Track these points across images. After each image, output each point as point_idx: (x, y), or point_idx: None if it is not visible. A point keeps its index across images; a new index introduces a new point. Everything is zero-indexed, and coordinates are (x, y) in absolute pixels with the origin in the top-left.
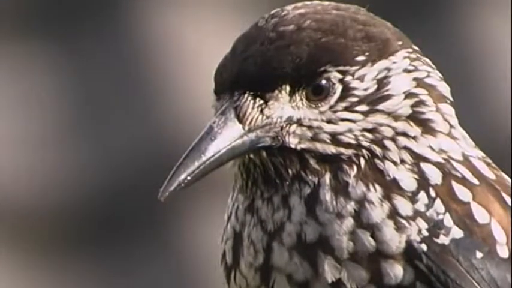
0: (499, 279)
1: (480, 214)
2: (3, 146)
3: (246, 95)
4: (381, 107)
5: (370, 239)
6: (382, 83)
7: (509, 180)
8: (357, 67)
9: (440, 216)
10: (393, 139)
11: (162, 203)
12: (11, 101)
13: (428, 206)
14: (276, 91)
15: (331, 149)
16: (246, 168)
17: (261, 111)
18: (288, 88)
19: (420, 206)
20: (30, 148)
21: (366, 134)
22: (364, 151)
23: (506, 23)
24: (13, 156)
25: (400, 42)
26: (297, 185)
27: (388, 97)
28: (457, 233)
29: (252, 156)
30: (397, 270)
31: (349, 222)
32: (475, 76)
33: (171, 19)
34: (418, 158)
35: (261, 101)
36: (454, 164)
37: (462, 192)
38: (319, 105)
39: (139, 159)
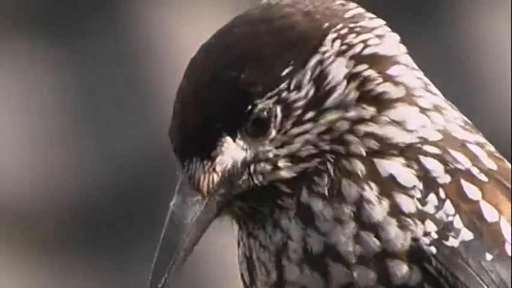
0: (509, 281)
1: (489, 212)
2: (4, 146)
3: (193, 162)
4: (327, 104)
5: (375, 239)
6: (319, 79)
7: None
8: (286, 81)
9: (450, 218)
10: (351, 130)
11: (163, 203)
12: (12, 100)
13: (438, 208)
14: (218, 147)
15: (296, 169)
16: (230, 214)
17: (214, 171)
18: (227, 138)
19: (430, 208)
20: (31, 148)
21: (323, 136)
22: (327, 155)
23: (506, 23)
24: (14, 156)
25: (326, 24)
26: (278, 212)
27: (331, 91)
28: (467, 235)
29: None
30: (403, 270)
31: (351, 225)
32: (475, 77)
33: (171, 18)
34: (382, 141)
35: (209, 162)
36: (426, 147)
37: (471, 191)
38: (266, 134)
39: (140, 159)
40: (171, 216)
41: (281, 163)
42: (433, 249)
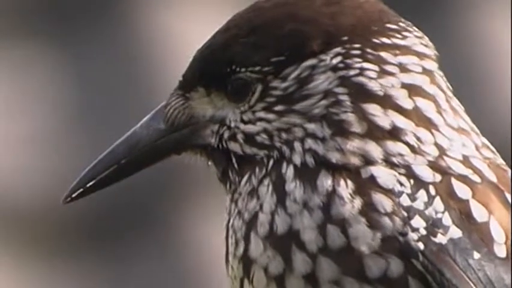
0: (496, 280)
1: (478, 212)
2: (3, 146)
3: (175, 95)
4: (297, 107)
5: (341, 234)
6: (303, 82)
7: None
8: (272, 67)
9: (439, 215)
10: (302, 140)
11: (163, 205)
12: (11, 101)
13: (427, 204)
14: (193, 92)
15: (246, 150)
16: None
17: (183, 111)
18: (201, 89)
19: (419, 204)
20: (30, 148)
21: (282, 134)
22: (275, 152)
23: (506, 23)
24: (12, 156)
25: (345, 38)
26: (259, 177)
27: (306, 97)
28: (455, 232)
29: (195, 154)
30: (381, 264)
31: (317, 215)
32: (475, 76)
33: (172, 19)
34: (321, 161)
35: (183, 101)
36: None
37: (461, 190)
38: (241, 105)
39: None
40: (131, 132)
41: (238, 136)
42: (421, 245)
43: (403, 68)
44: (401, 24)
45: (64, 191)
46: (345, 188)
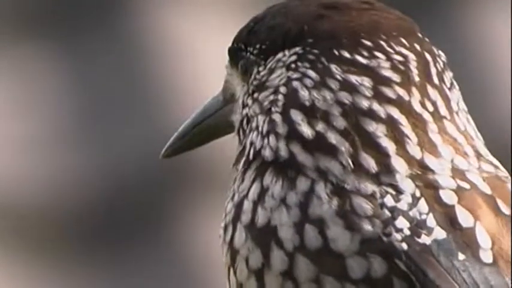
0: (481, 282)
1: (464, 217)
2: (4, 147)
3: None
4: (260, 96)
5: (319, 235)
6: (270, 73)
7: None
8: (261, 54)
9: (423, 216)
10: (250, 131)
11: (163, 205)
12: (13, 102)
13: (412, 205)
14: (227, 68)
15: (241, 133)
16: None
17: (228, 86)
18: (228, 64)
19: (403, 205)
20: (31, 149)
21: (252, 121)
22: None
23: (506, 23)
24: (13, 157)
25: (311, 41)
26: (251, 160)
27: (266, 88)
28: (440, 233)
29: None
30: (364, 265)
31: (295, 213)
32: (475, 77)
33: (174, 20)
34: (255, 156)
35: (230, 76)
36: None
37: (447, 196)
38: (246, 83)
39: (141, 160)
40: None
41: (237, 117)
42: (405, 246)
43: (345, 86)
44: (383, 42)
45: (64, 192)
46: (323, 187)
